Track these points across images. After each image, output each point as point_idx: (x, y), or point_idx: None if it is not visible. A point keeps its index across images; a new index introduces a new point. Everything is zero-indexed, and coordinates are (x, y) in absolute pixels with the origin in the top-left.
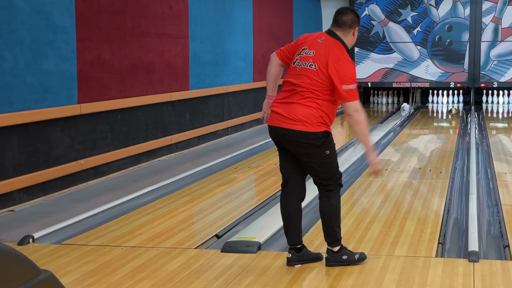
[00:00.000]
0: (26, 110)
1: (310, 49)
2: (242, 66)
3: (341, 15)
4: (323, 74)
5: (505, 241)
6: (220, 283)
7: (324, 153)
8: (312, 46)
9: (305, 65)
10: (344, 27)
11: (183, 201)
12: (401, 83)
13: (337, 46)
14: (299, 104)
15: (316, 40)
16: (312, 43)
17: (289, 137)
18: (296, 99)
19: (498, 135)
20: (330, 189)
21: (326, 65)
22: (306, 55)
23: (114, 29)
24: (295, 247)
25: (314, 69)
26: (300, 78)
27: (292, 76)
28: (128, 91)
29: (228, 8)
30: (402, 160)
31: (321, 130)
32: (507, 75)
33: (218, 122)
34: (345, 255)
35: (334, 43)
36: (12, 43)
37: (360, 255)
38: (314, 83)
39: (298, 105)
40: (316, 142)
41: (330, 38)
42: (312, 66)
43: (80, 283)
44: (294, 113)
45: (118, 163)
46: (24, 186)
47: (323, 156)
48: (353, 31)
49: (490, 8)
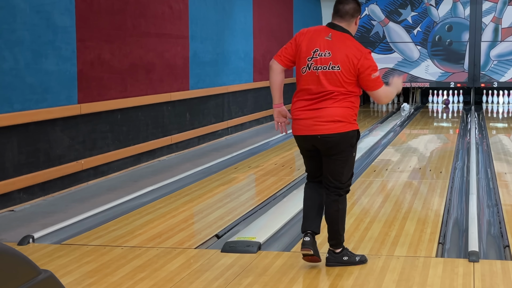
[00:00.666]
0: (26, 110)
1: (323, 50)
2: (242, 66)
3: (342, 4)
4: (348, 73)
5: (505, 241)
6: (220, 283)
7: (352, 153)
8: (325, 47)
9: (326, 69)
10: (346, 17)
11: (183, 201)
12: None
13: (350, 40)
14: (333, 107)
15: (324, 39)
16: (322, 43)
17: (329, 141)
18: (329, 104)
19: (498, 135)
20: (341, 194)
21: (350, 62)
22: (321, 57)
23: (114, 29)
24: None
25: (338, 71)
26: (323, 83)
27: (312, 82)
28: (128, 91)
29: (228, 8)
30: (402, 160)
31: (357, 128)
32: (507, 75)
33: (218, 122)
34: (346, 256)
35: (346, 38)
36: (12, 43)
37: (361, 258)
38: (342, 84)
39: (333, 108)
40: (352, 141)
41: (338, 32)
42: (335, 68)
43: (80, 283)
44: (332, 116)
45: (118, 163)
46: (24, 186)
47: (351, 157)
48: (356, 20)
49: (490, 8)
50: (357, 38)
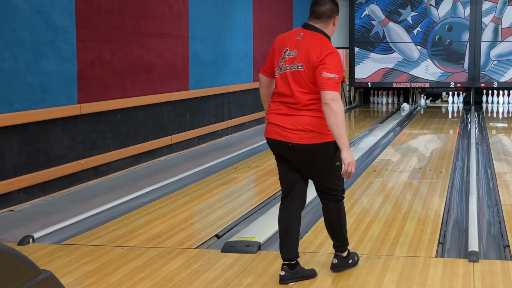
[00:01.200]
0: (26, 110)
1: (292, 49)
2: (242, 66)
3: (318, 6)
4: (311, 72)
5: (505, 241)
6: (220, 283)
7: (334, 163)
8: (294, 46)
9: (292, 68)
10: (323, 18)
11: (183, 201)
12: (401, 83)
13: (318, 37)
14: (302, 115)
15: (294, 38)
16: (292, 43)
17: (298, 151)
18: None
19: (498, 135)
20: (339, 199)
21: (310, 60)
22: (289, 56)
23: (114, 29)
24: (290, 263)
25: (302, 70)
26: (291, 84)
27: (283, 85)
28: (128, 91)
29: (228, 8)
30: (402, 160)
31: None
32: (507, 75)
33: (218, 122)
34: (351, 259)
35: (316, 37)
36: (12, 43)
37: (356, 255)
38: (308, 84)
39: (302, 116)
40: (329, 152)
41: (309, 32)
42: (299, 67)
43: (80, 283)
44: (301, 124)
45: (118, 163)
46: (24, 186)
47: (334, 167)
48: (333, 21)
49: (490, 8)
50: (357, 38)
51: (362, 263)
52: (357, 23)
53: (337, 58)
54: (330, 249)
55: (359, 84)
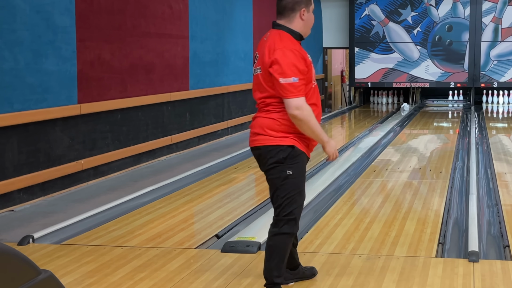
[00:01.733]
0: (26, 110)
1: (259, 53)
2: (242, 66)
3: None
4: (267, 75)
5: (505, 241)
6: (220, 283)
7: (285, 171)
8: (259, 48)
9: (256, 72)
10: (285, 12)
11: (183, 201)
12: (401, 83)
13: (278, 34)
14: (261, 117)
15: (263, 40)
16: (260, 46)
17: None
18: (259, 113)
19: (498, 135)
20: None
21: (264, 62)
22: (256, 60)
23: (114, 29)
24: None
25: (260, 73)
26: (255, 88)
27: (254, 89)
28: (128, 91)
29: (228, 8)
30: (402, 160)
31: (285, 144)
32: (507, 75)
33: (218, 122)
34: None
35: (276, 33)
36: (12, 43)
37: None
38: (266, 88)
39: (261, 118)
40: (277, 157)
41: (274, 31)
42: (257, 71)
43: (80, 283)
44: (254, 126)
45: (118, 163)
46: (24, 186)
47: (283, 175)
48: (299, 14)
49: (490, 8)
50: (357, 38)
51: (362, 263)
52: (357, 23)
53: (288, 54)
54: (330, 249)
55: (359, 84)
